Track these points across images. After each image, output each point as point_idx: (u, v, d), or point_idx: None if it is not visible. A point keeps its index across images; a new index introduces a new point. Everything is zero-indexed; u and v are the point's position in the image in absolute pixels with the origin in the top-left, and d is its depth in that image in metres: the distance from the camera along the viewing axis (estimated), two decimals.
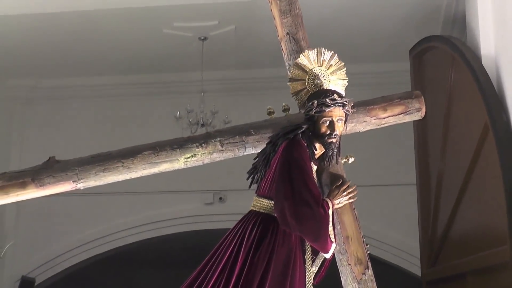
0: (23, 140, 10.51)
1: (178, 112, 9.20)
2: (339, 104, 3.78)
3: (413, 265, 9.05)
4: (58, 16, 8.33)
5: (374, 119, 4.23)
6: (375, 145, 9.15)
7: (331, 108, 3.77)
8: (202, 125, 9.18)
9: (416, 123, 6.69)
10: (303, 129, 3.81)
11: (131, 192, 9.38)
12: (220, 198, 10.14)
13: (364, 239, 4.14)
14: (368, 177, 9.15)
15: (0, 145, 10.28)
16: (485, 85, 5.52)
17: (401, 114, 4.29)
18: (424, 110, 4.28)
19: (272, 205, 3.73)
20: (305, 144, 3.79)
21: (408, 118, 4.32)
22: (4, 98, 10.47)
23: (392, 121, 4.27)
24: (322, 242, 3.64)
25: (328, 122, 3.79)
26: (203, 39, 9.25)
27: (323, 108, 3.77)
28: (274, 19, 4.37)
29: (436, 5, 8.06)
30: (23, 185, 4.07)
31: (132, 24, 8.85)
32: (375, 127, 4.28)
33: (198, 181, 9.58)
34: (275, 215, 3.68)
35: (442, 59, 6.45)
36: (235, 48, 9.54)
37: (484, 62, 5.94)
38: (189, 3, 8.07)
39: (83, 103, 10.58)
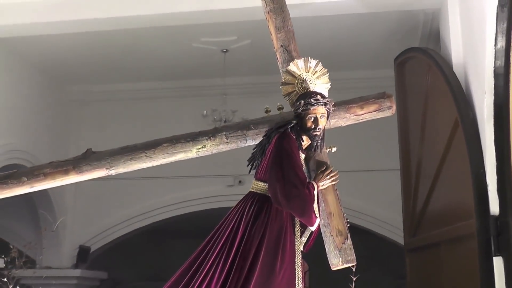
0: (78, 135, 10.50)
1: (205, 111, 9.23)
2: (321, 103, 3.74)
3: (397, 236, 8.85)
4: (107, 33, 8.31)
5: (353, 116, 4.15)
6: (368, 139, 9.11)
7: (315, 106, 3.73)
8: (224, 122, 9.13)
9: (399, 119, 6.67)
10: (293, 124, 3.78)
11: (166, 176, 9.37)
12: (240, 181, 10.03)
13: (345, 215, 4.07)
14: (361, 164, 9.21)
15: (60, 140, 10.26)
16: (455, 87, 5.57)
17: (375, 111, 4.14)
18: (394, 108, 4.15)
19: (266, 187, 3.70)
20: (294, 137, 3.75)
21: (381, 115, 4.18)
22: (63, 101, 10.47)
23: (368, 117, 4.17)
24: (307, 217, 3.61)
25: (313, 118, 3.75)
26: (225, 51, 9.22)
27: (309, 106, 3.74)
28: (271, 34, 4.33)
29: (415, 22, 7.98)
30: (66, 172, 4.06)
31: (167, 40, 8.85)
32: (354, 122, 4.20)
33: (222, 167, 9.55)
34: (269, 195, 3.66)
35: (420, 66, 6.48)
36: (250, 58, 9.50)
37: (455, 68, 5.98)
38: (213, 22, 7.96)
39: (127, 104, 10.58)
